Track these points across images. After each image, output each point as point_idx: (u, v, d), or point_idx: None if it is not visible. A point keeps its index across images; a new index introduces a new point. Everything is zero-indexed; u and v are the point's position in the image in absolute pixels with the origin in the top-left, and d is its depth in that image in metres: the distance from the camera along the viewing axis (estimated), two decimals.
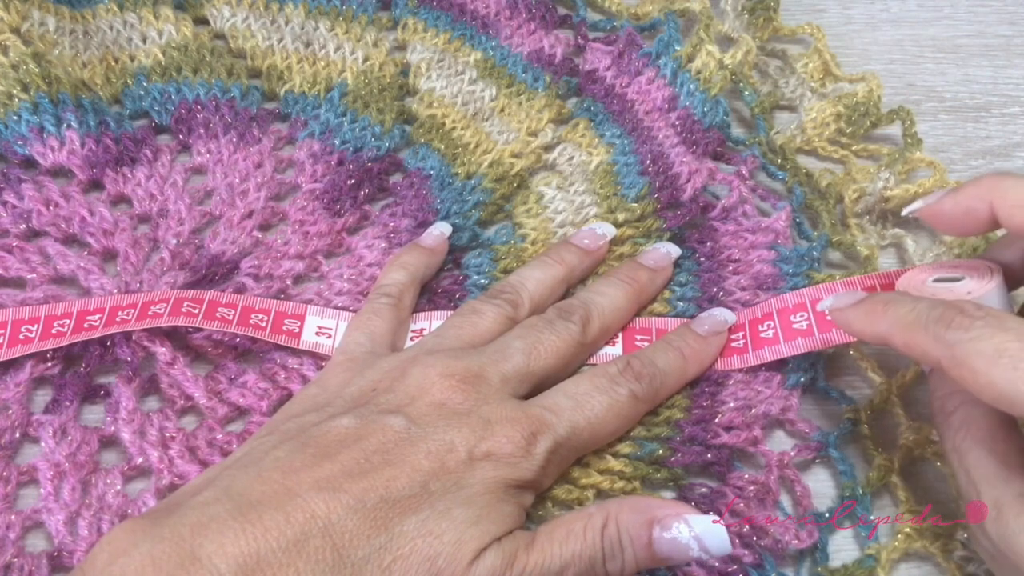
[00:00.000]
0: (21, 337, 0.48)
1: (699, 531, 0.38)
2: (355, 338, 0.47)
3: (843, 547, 0.45)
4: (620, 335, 0.50)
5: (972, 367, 0.35)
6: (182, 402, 0.47)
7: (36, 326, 0.48)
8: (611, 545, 0.39)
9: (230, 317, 0.48)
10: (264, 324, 0.49)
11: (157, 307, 0.48)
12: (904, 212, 0.45)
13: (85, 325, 0.48)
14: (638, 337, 0.50)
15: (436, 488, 0.38)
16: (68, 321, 0.48)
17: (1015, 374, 0.34)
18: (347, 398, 0.42)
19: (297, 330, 0.49)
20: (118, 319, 0.48)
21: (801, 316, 0.48)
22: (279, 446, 0.39)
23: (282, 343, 0.49)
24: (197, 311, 0.48)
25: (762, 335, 0.48)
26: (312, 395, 0.44)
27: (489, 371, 0.43)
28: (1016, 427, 0.39)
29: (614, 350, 0.49)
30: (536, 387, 0.45)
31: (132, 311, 0.48)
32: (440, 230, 0.52)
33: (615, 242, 0.53)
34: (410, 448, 0.39)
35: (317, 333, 0.49)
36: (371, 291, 0.50)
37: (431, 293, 0.52)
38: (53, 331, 0.48)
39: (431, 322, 0.50)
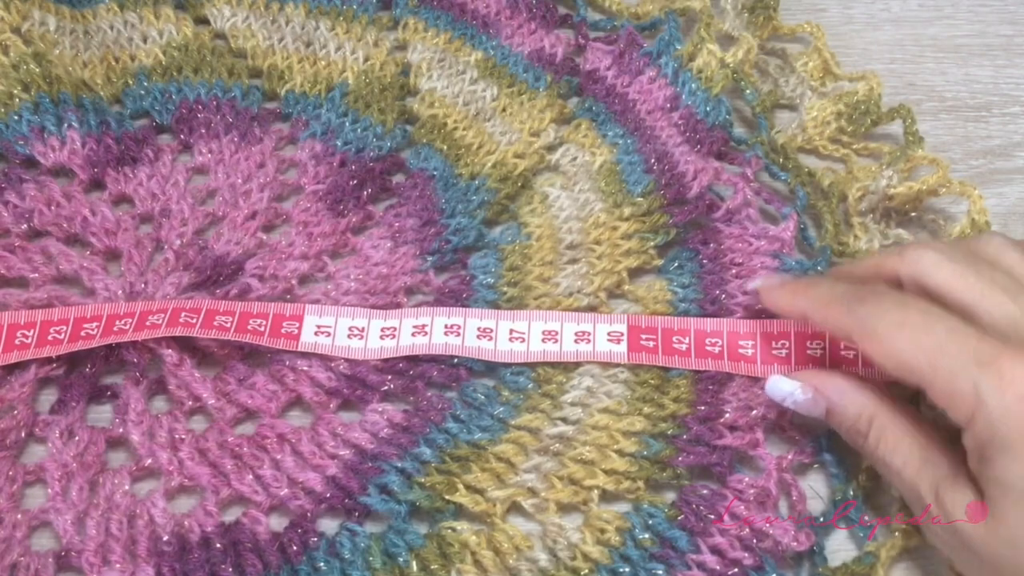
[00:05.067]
0: (17, 343, 0.47)
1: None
2: None
3: (840, 548, 0.45)
4: (625, 335, 0.50)
5: (879, 336, 0.40)
6: (190, 403, 0.47)
7: (32, 331, 0.48)
8: None
9: (228, 325, 0.48)
10: (262, 329, 0.48)
11: (155, 317, 0.48)
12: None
13: (82, 333, 0.48)
14: (643, 336, 0.50)
15: None
16: (65, 328, 0.48)
17: (914, 343, 0.39)
18: None
19: (296, 331, 0.49)
20: (115, 328, 0.48)
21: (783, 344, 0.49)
22: None
23: (280, 347, 0.48)
24: (195, 321, 0.48)
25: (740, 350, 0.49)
26: None
27: None
28: (921, 418, 0.43)
29: (619, 348, 0.49)
30: None
31: (130, 320, 0.48)
32: None
33: (622, 236, 0.53)
34: None
35: (316, 333, 0.49)
36: None
37: (438, 294, 0.52)
38: (49, 337, 0.47)
39: (432, 319, 0.50)
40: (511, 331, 0.50)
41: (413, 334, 0.49)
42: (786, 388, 0.45)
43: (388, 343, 0.49)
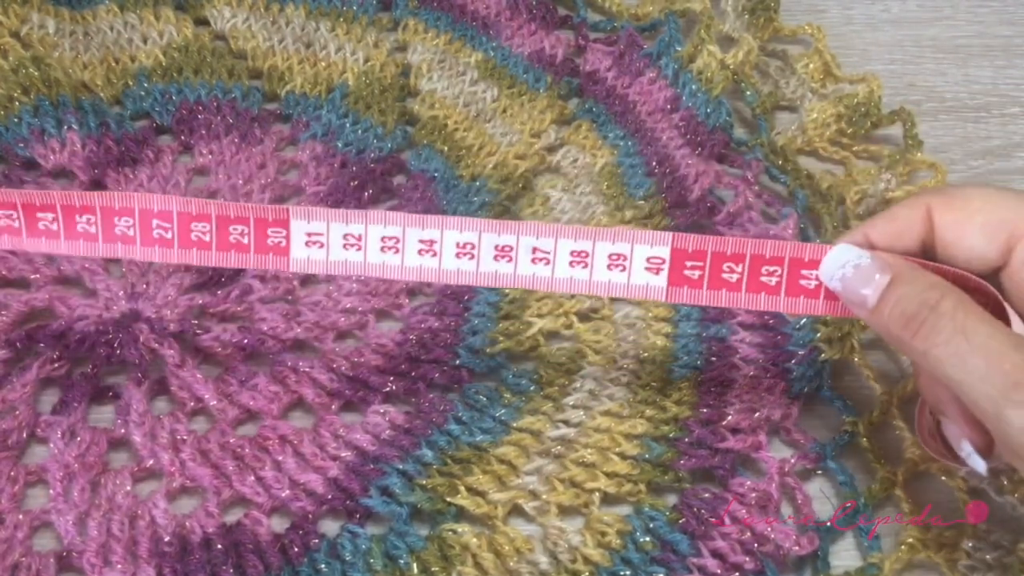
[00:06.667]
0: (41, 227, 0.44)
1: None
2: None
3: (845, 557, 0.44)
4: (667, 261, 0.42)
5: None
6: (192, 404, 0.47)
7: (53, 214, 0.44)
8: None
9: (207, 239, 0.43)
10: (247, 240, 0.43)
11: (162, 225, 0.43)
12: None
13: (116, 231, 0.44)
14: (688, 264, 0.42)
15: None
16: (94, 217, 0.44)
17: None
18: None
19: (284, 243, 0.43)
20: (155, 234, 0.44)
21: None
22: None
23: (270, 265, 0.44)
24: (170, 236, 0.43)
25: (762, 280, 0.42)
26: None
27: None
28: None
29: (658, 280, 0.42)
30: None
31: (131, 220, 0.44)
32: None
33: None
34: None
35: (307, 243, 0.43)
36: None
37: (439, 295, 0.52)
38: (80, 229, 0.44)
39: (442, 231, 0.43)
40: (534, 249, 0.43)
41: (420, 252, 0.43)
42: (851, 254, 0.40)
43: (392, 259, 0.43)
